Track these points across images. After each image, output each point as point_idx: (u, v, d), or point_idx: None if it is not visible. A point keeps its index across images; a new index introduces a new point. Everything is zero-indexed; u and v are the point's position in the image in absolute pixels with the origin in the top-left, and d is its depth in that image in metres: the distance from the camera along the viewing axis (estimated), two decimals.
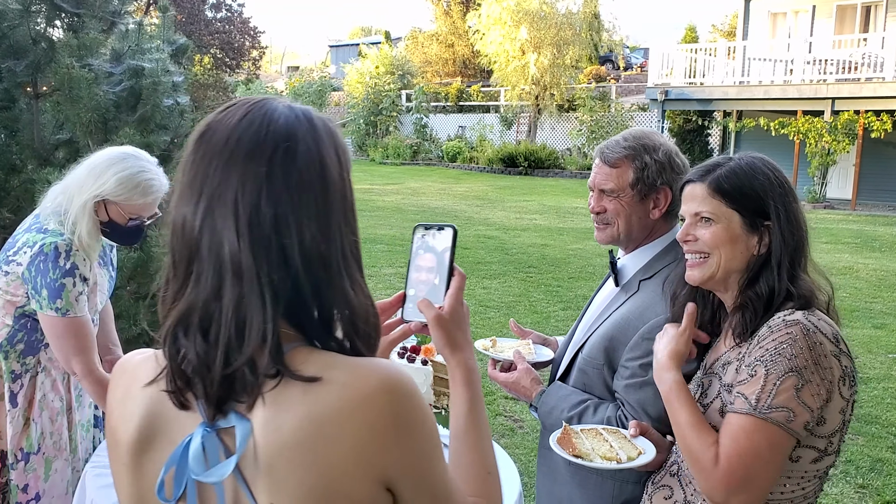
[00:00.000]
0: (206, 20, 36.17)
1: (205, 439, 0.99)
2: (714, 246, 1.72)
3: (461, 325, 1.20)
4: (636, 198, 2.06)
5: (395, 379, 0.98)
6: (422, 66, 38.63)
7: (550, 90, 28.00)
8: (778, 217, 1.69)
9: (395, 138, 31.13)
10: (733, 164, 1.75)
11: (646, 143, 2.07)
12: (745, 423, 1.56)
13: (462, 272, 1.23)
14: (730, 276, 1.74)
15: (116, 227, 2.56)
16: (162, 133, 4.29)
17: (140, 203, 2.53)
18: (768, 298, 1.68)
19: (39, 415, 2.63)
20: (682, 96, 21.94)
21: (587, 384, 2.05)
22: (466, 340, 1.21)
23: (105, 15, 4.28)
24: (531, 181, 23.81)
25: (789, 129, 18.71)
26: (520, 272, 10.46)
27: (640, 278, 2.07)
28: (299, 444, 0.94)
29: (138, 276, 3.97)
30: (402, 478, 0.98)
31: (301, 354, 0.99)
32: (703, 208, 1.73)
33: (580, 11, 28.84)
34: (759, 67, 21.21)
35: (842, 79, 18.99)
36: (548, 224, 14.97)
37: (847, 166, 19.46)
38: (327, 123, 1.07)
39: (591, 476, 2.03)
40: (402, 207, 17.11)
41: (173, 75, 4.46)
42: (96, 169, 2.50)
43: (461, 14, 38.60)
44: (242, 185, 0.98)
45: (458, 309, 1.20)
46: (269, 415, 0.96)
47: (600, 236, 2.14)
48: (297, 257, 0.99)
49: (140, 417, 1.03)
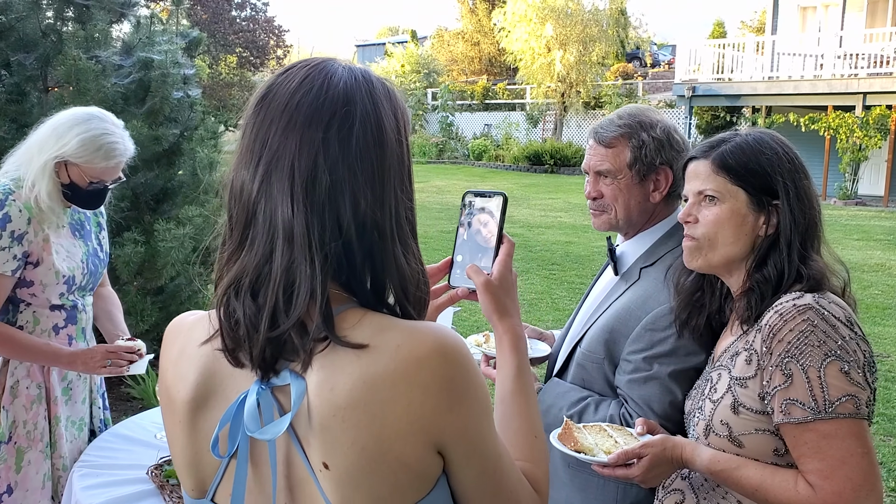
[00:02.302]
0: (231, 19, 36.34)
1: (260, 396, 0.99)
2: (716, 228, 1.61)
3: (510, 292, 1.20)
4: (635, 179, 1.91)
5: (450, 342, 0.97)
6: (447, 64, 38.56)
7: (576, 87, 27.78)
8: (787, 194, 1.58)
9: (421, 137, 31.09)
10: (739, 140, 1.64)
11: (641, 119, 1.93)
12: (821, 430, 1.42)
13: (511, 240, 1.22)
14: (733, 260, 1.62)
15: (77, 189, 2.47)
16: (171, 126, 4.24)
17: (102, 166, 2.44)
18: (777, 281, 1.56)
19: (11, 402, 2.52)
20: (709, 92, 21.63)
21: (586, 380, 1.91)
22: (515, 307, 1.21)
23: (114, 6, 4.23)
24: (557, 179, 23.63)
25: (819, 125, 18.34)
26: (543, 269, 10.33)
27: (640, 265, 1.93)
28: (354, 404, 0.94)
29: (145, 272, 3.92)
30: (454, 441, 0.98)
31: (353, 316, 0.99)
32: (708, 186, 1.61)
33: (607, 8, 28.56)
34: (789, 62, 20.85)
35: (874, 73, 18.59)
36: (573, 221, 14.82)
37: (879, 162, 19.05)
38: (387, 85, 1.06)
39: (591, 479, 1.89)
40: (427, 206, 17.03)
41: (183, 68, 4.41)
42: (59, 129, 2.41)
43: (487, 12, 38.46)
44: (300, 151, 0.98)
45: (507, 275, 1.20)
46: (324, 376, 0.96)
47: (597, 223, 1.99)
48: (352, 224, 0.99)
49: (196, 375, 1.04)
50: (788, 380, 1.45)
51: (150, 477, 2.32)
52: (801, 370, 1.43)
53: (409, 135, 1.07)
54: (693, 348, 1.73)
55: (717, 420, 1.57)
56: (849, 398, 1.41)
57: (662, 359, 1.75)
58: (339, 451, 0.94)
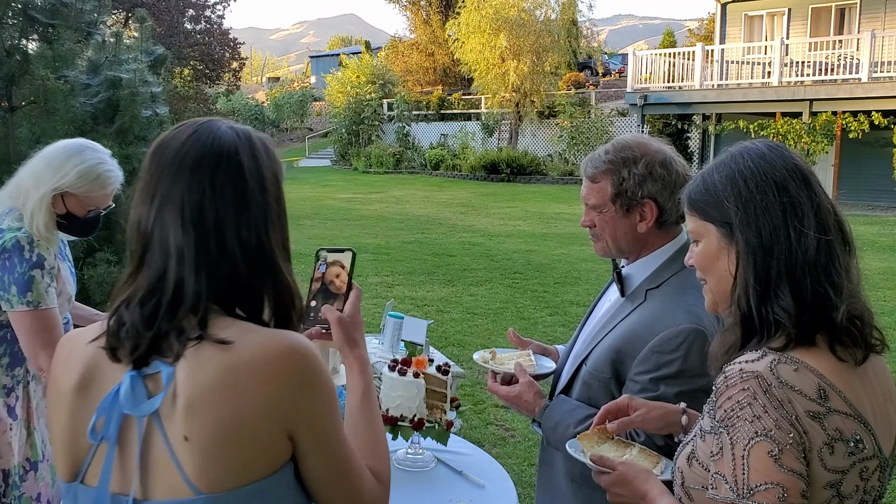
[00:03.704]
0: (186, 32, 35.93)
1: (133, 381, 1.15)
2: (702, 270, 1.47)
3: (359, 328, 1.42)
4: (619, 212, 1.97)
5: (304, 345, 1.18)
6: (402, 75, 38.59)
7: (531, 97, 28.04)
8: (738, 218, 1.37)
9: (378, 147, 31.06)
10: (706, 169, 1.47)
11: (626, 155, 1.96)
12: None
13: (359, 287, 1.46)
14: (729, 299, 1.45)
15: (74, 219, 2.55)
16: (141, 144, 4.21)
17: (99, 195, 2.56)
18: (743, 326, 1.37)
19: (37, 422, 2.62)
20: (661, 100, 22.03)
21: (592, 398, 1.95)
22: (362, 340, 1.43)
23: (81, 26, 4.20)
24: (514, 188, 23.81)
25: (768, 131, 18.82)
26: (506, 278, 10.41)
27: (646, 287, 1.97)
28: (217, 387, 1.11)
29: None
30: (304, 429, 1.16)
31: (225, 322, 1.17)
32: (689, 226, 1.49)
33: (558, 18, 28.91)
34: (737, 70, 21.36)
35: (819, 80, 19.14)
36: (532, 230, 14.95)
37: (826, 167, 19.57)
38: (264, 141, 1.29)
39: (594, 493, 1.93)
40: (387, 216, 17.04)
41: (151, 86, 4.39)
42: (53, 162, 2.48)
43: (440, 23, 38.63)
44: (188, 189, 1.19)
45: (356, 314, 1.43)
46: (192, 364, 1.13)
47: (595, 248, 2.06)
48: (236, 249, 1.19)
49: (81, 368, 1.20)
50: (720, 452, 1.29)
51: None
52: (730, 444, 1.27)
53: (282, 179, 1.30)
54: (699, 370, 1.75)
55: (677, 465, 1.45)
56: (771, 487, 1.22)
57: (669, 380, 1.80)
58: (200, 425, 1.10)
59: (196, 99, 32.31)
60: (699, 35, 38.29)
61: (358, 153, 31.25)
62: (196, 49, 36.04)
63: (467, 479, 2.39)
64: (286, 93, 41.37)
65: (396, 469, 2.46)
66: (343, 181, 26.23)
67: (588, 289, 9.42)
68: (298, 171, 30.02)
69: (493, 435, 5.22)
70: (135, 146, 4.12)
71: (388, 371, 2.44)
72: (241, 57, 39.85)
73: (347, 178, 27.47)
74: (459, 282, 10.19)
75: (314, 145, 36.92)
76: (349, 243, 13.11)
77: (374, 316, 7.98)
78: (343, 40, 76.39)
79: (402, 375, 2.41)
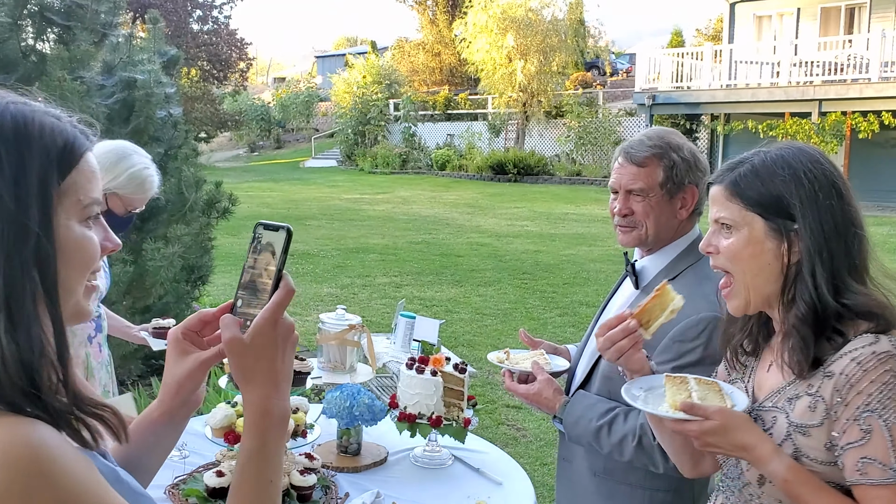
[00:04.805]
0: (193, 33, 36.08)
1: None
2: (734, 261, 1.50)
3: (265, 353, 0.98)
4: (665, 197, 2.01)
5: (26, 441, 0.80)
6: (409, 75, 38.63)
7: (538, 97, 28.04)
8: (805, 217, 1.44)
9: (384, 147, 31.09)
10: (757, 160, 1.51)
11: (670, 140, 2.03)
12: None
13: (290, 286, 1.01)
14: (768, 295, 1.50)
15: (113, 217, 2.66)
16: (155, 145, 4.24)
17: (141, 197, 2.71)
18: (814, 320, 1.43)
19: None
20: (669, 100, 22.02)
21: (612, 391, 1.97)
22: (269, 374, 0.99)
23: (96, 27, 4.22)
24: (521, 188, 23.81)
25: (777, 131, 18.79)
26: (514, 279, 10.42)
27: (663, 279, 2.01)
28: None
29: (134, 291, 3.91)
30: None
31: None
32: (723, 213, 1.51)
33: (565, 18, 28.90)
34: (746, 70, 21.32)
35: (828, 80, 19.11)
36: (539, 230, 14.96)
37: None
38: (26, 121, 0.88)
39: (618, 487, 1.97)
40: (394, 216, 17.07)
41: (165, 87, 4.42)
42: (105, 163, 2.59)
43: (447, 23, 38.64)
44: None
45: (268, 333, 0.98)
46: None
47: (625, 239, 2.07)
48: None
49: None
50: (867, 436, 1.33)
51: (167, 496, 2.34)
52: (884, 426, 1.32)
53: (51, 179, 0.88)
54: (720, 358, 1.79)
55: None
56: None
57: (690, 368, 1.82)
58: None
59: (203, 99, 32.41)
60: (707, 35, 38.25)
61: (364, 153, 31.29)
62: (203, 49, 36.18)
63: (485, 477, 2.40)
64: (292, 93, 41.42)
65: (414, 466, 2.49)
66: (349, 181, 26.28)
67: (597, 289, 9.43)
68: (305, 172, 30.10)
69: (505, 435, 5.23)
70: (149, 147, 4.15)
71: (406, 369, 2.46)
72: (248, 57, 39.96)
73: (353, 178, 27.51)
74: (468, 282, 10.21)
75: (320, 146, 36.98)
76: (356, 244, 13.13)
77: (384, 316, 8.02)
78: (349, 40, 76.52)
79: (419, 374, 2.43)
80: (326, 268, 11.12)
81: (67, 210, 0.90)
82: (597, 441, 1.97)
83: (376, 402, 2.48)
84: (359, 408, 2.41)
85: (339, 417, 2.43)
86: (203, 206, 4.42)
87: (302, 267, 11.10)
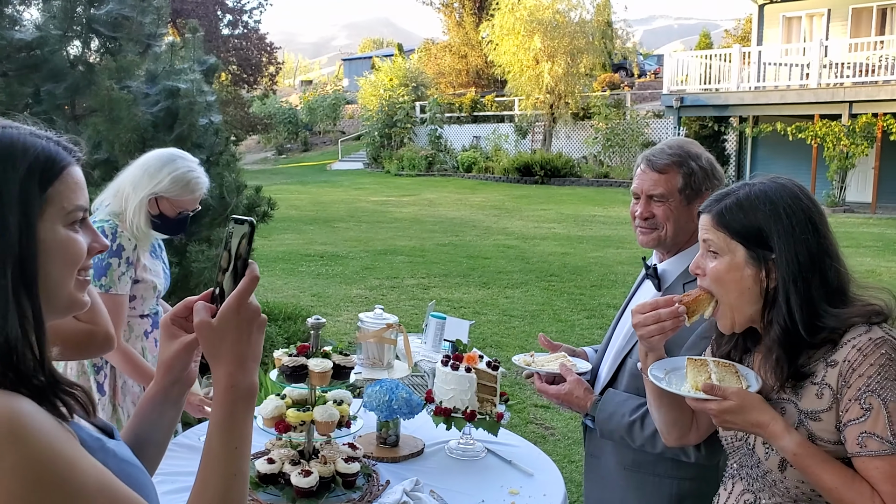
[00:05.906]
0: (223, 38, 36.56)
1: None
2: (717, 283, 1.67)
3: (228, 335, 1.12)
4: (683, 202, 2.14)
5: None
6: (435, 77, 38.77)
7: (565, 99, 28.04)
8: (780, 249, 1.60)
9: (410, 150, 31.25)
10: (742, 194, 1.67)
11: (689, 150, 2.17)
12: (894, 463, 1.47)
13: (255, 274, 1.14)
14: (751, 315, 1.67)
15: (166, 219, 2.83)
16: (198, 152, 4.39)
17: (189, 198, 2.83)
18: (787, 342, 1.60)
19: (123, 399, 2.89)
20: (697, 102, 21.93)
21: (640, 388, 2.06)
22: (234, 353, 1.12)
23: (141, 38, 4.40)
24: (548, 190, 23.85)
25: (806, 134, 18.67)
26: (541, 281, 10.51)
27: (683, 281, 2.13)
28: None
29: (179, 291, 4.07)
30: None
31: None
32: (710, 237, 1.68)
33: (593, 20, 28.89)
34: (775, 72, 21.18)
35: (859, 82, 18.94)
36: (567, 233, 15.02)
37: (866, 169, 19.36)
38: None
39: (647, 478, 2.08)
40: (420, 218, 17.21)
41: (207, 95, 4.58)
42: (149, 169, 2.79)
43: (474, 25, 38.77)
44: None
45: (231, 317, 1.12)
46: None
47: (644, 240, 2.20)
48: None
49: None
50: (867, 413, 1.50)
51: None
52: (882, 404, 1.48)
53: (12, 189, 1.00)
54: None
55: None
56: None
57: None
58: None
59: (234, 104, 32.80)
60: (736, 36, 38.01)
61: (390, 156, 31.48)
62: (234, 54, 36.64)
63: (517, 468, 2.52)
64: (319, 96, 41.78)
65: (449, 458, 2.61)
66: (376, 184, 26.48)
67: (625, 291, 9.41)
68: (331, 175, 30.35)
69: (534, 433, 5.34)
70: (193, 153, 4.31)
71: (442, 366, 2.59)
72: (277, 61, 40.36)
73: (380, 180, 27.70)
74: (495, 284, 10.31)
75: (346, 148, 37.26)
76: (384, 245, 13.28)
77: (413, 317, 8.14)
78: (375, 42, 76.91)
79: (454, 370, 2.56)
80: (355, 269, 11.27)
81: (52, 216, 1.04)
82: (629, 435, 2.09)
83: (414, 396, 2.61)
84: (397, 402, 2.55)
85: (379, 410, 2.57)
86: (244, 210, 4.59)
87: (331, 269, 11.27)
